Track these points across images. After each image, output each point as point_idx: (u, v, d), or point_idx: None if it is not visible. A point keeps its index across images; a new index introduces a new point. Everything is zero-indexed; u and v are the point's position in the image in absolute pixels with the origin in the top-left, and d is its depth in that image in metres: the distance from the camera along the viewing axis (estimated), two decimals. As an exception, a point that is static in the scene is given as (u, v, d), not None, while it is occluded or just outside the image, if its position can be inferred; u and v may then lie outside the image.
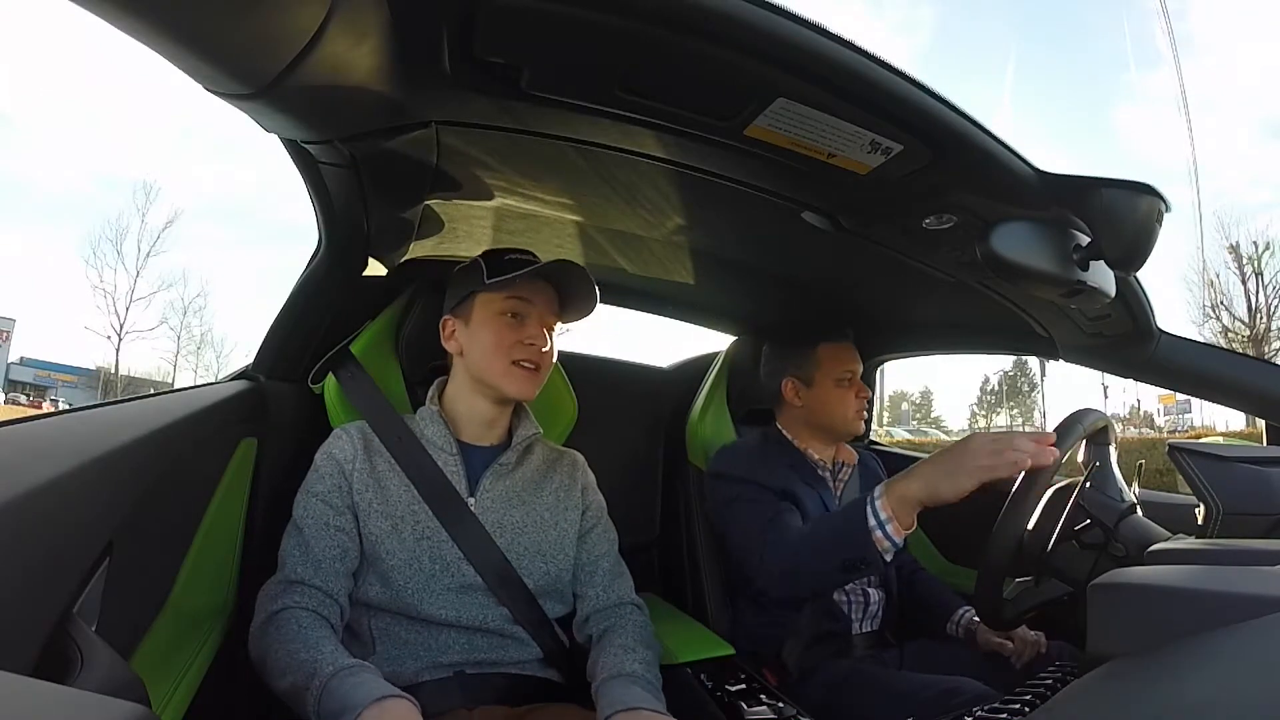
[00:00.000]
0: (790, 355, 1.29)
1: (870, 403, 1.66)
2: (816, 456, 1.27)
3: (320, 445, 0.87)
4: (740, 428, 1.44)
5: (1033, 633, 1.07)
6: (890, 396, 36.25)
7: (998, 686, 0.93)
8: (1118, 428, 1.36)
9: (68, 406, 0.80)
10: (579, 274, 0.89)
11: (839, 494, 1.27)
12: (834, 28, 0.52)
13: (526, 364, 0.88)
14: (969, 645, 1.16)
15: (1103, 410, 0.91)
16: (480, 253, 0.92)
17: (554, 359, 0.93)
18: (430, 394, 0.93)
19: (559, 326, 0.95)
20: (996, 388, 35.56)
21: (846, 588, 1.21)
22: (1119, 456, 0.90)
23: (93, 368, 25.00)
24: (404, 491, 0.85)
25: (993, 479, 0.76)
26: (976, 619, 1.17)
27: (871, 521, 0.85)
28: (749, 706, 0.90)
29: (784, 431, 1.30)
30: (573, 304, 0.93)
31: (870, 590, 1.22)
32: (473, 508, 0.86)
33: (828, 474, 1.28)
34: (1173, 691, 0.40)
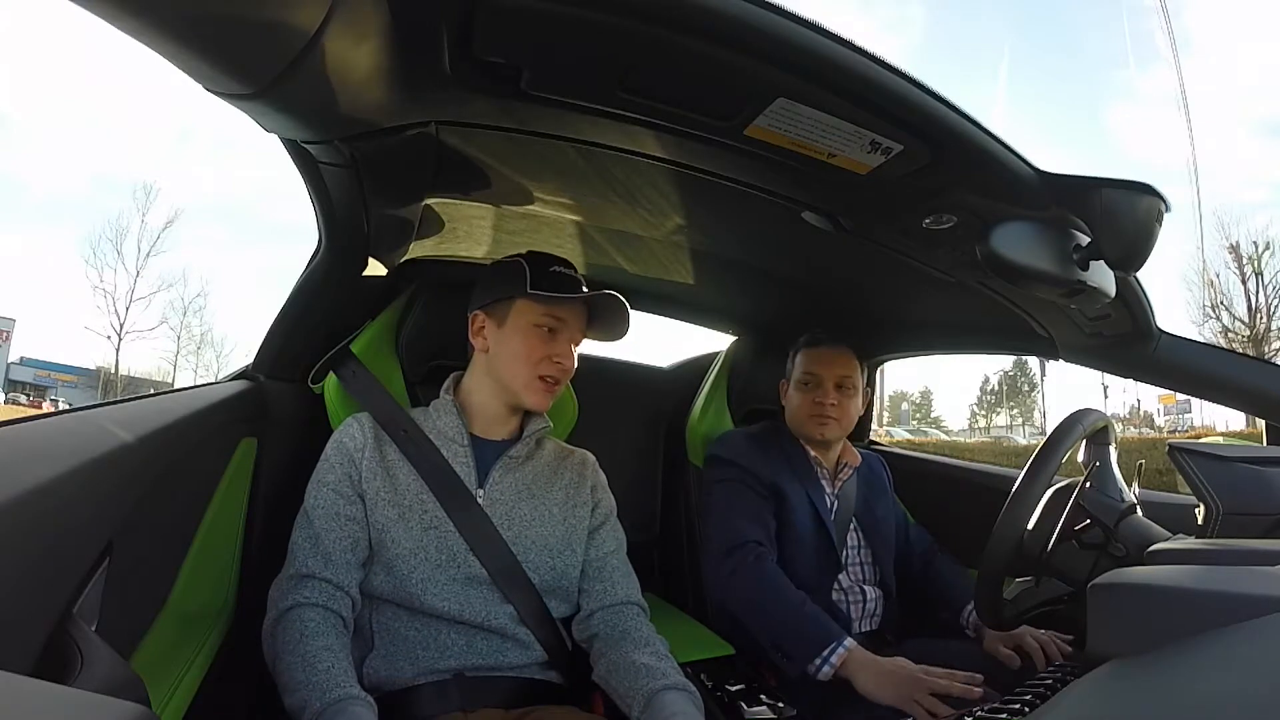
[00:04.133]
0: (789, 358, 1.34)
1: (870, 403, 1.67)
2: (814, 453, 1.27)
3: (320, 445, 0.88)
4: (740, 427, 1.44)
5: (1042, 633, 1.06)
6: (890, 396, 36.24)
7: (998, 687, 0.93)
8: (1118, 428, 1.36)
9: (68, 406, 0.80)
10: (618, 306, 0.90)
11: (835, 492, 1.27)
12: (833, 27, 0.52)
13: (549, 378, 0.89)
14: (979, 642, 1.14)
15: (1103, 410, 0.91)
16: (523, 253, 0.92)
17: (572, 374, 0.93)
18: (446, 385, 0.94)
19: None
20: (996, 388, 35.55)
21: (845, 586, 1.21)
22: (1119, 456, 0.90)
23: (93, 368, 24.99)
24: (413, 481, 0.85)
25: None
26: None
27: (822, 657, 0.97)
28: (749, 706, 0.90)
29: (790, 427, 1.31)
30: (601, 326, 0.94)
31: (867, 588, 1.23)
32: (481, 500, 0.86)
33: (825, 473, 1.28)
34: (1173, 691, 0.40)
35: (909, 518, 1.43)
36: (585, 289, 0.91)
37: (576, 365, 0.93)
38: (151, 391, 0.89)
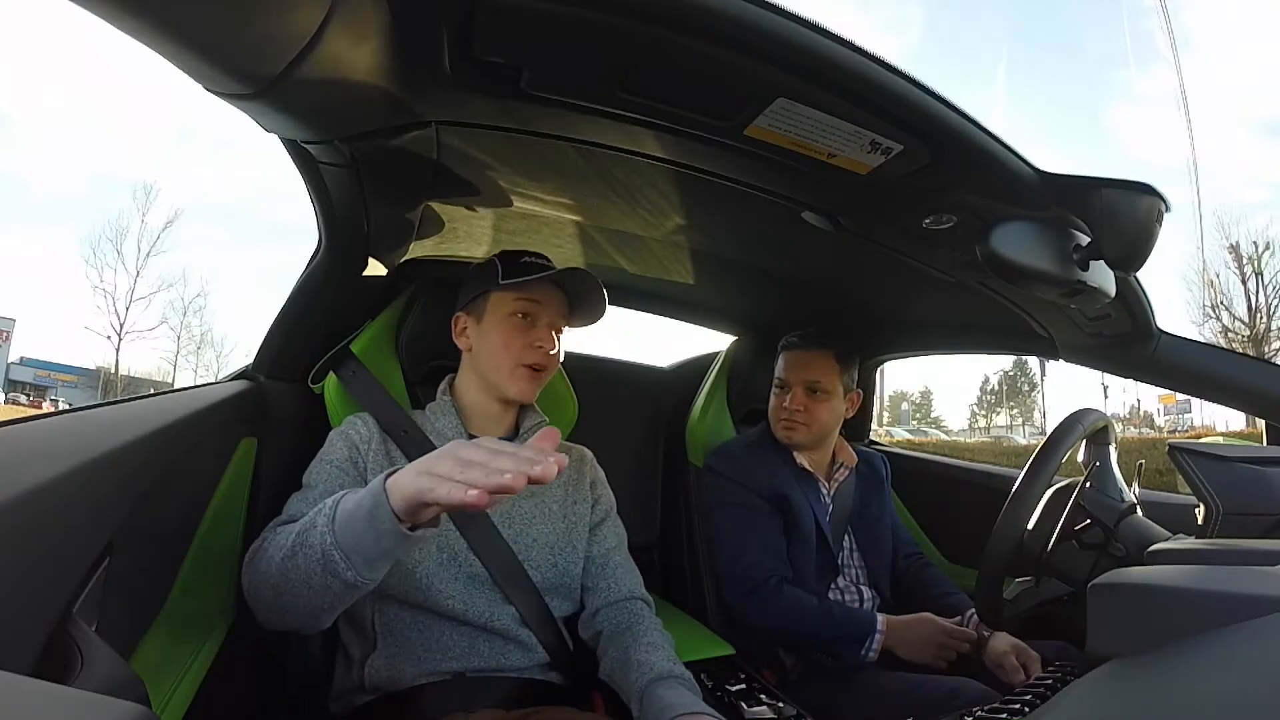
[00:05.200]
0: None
1: (869, 403, 1.67)
2: (800, 458, 1.27)
3: (320, 445, 0.87)
4: (740, 428, 1.44)
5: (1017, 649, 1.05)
6: (890, 396, 36.22)
7: (998, 687, 0.93)
8: (1118, 428, 1.36)
9: (68, 406, 0.80)
10: (589, 281, 0.91)
11: (832, 493, 1.27)
12: (833, 27, 0.52)
13: (533, 366, 0.89)
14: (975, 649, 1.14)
15: (1103, 410, 0.91)
16: (496, 252, 0.93)
17: (559, 362, 0.94)
18: (442, 387, 0.95)
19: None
20: (996, 388, 35.53)
21: (840, 585, 1.21)
22: (1119, 456, 0.90)
23: (93, 368, 25.00)
24: None
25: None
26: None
27: (865, 646, 1.08)
28: (749, 706, 0.90)
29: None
30: (581, 309, 0.95)
31: (864, 589, 1.23)
32: None
33: (819, 475, 1.27)
34: (1173, 691, 0.40)
35: (900, 518, 1.43)
36: None
37: (563, 356, 0.93)
38: (151, 391, 0.89)
